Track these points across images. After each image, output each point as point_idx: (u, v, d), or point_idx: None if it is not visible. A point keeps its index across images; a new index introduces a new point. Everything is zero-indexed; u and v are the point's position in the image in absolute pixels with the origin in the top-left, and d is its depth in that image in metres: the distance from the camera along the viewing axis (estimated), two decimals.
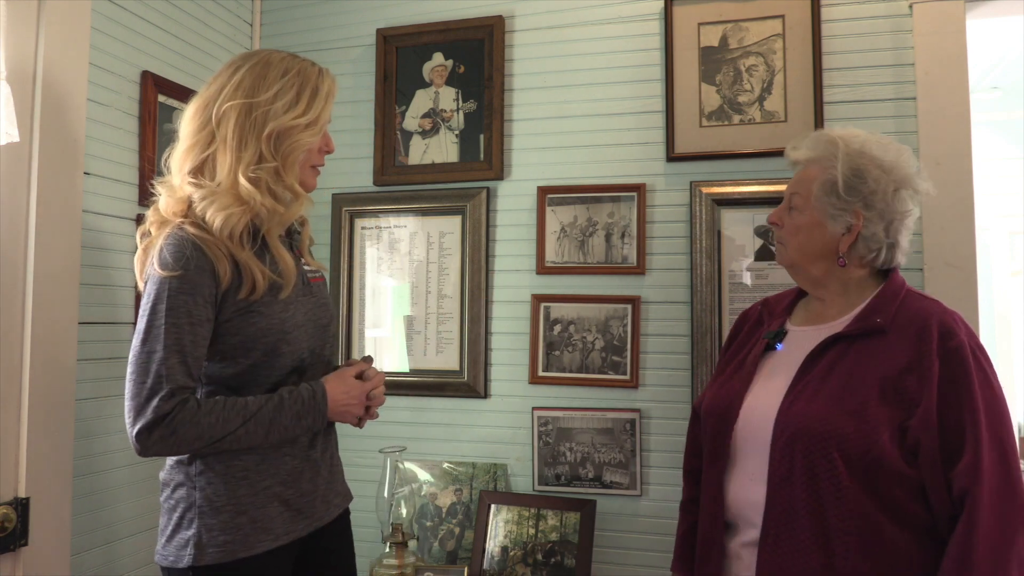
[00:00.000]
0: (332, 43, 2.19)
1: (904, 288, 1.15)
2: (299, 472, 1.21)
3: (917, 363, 1.04)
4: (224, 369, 1.17)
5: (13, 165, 1.39)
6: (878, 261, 1.16)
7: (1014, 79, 3.80)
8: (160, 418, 1.06)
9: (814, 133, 1.21)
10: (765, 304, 1.34)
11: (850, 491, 1.02)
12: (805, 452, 1.05)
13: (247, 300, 1.14)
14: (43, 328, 1.43)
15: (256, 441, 1.13)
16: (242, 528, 1.13)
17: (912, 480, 1.02)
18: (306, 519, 1.22)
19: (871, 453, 1.01)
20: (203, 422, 1.08)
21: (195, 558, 1.10)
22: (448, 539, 1.92)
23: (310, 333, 1.24)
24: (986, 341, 1.18)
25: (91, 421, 1.59)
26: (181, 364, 1.08)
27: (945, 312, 1.08)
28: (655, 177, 1.91)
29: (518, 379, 1.97)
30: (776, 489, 1.08)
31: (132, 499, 1.71)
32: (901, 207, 1.13)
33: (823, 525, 1.03)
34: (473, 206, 2.02)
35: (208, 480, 1.14)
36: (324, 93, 1.23)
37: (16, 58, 1.39)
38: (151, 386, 1.06)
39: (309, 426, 1.19)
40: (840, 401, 1.06)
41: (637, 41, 1.95)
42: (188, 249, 1.10)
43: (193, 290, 1.09)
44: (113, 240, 1.67)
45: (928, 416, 1.01)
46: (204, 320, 1.11)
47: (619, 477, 1.87)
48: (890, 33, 1.79)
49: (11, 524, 1.34)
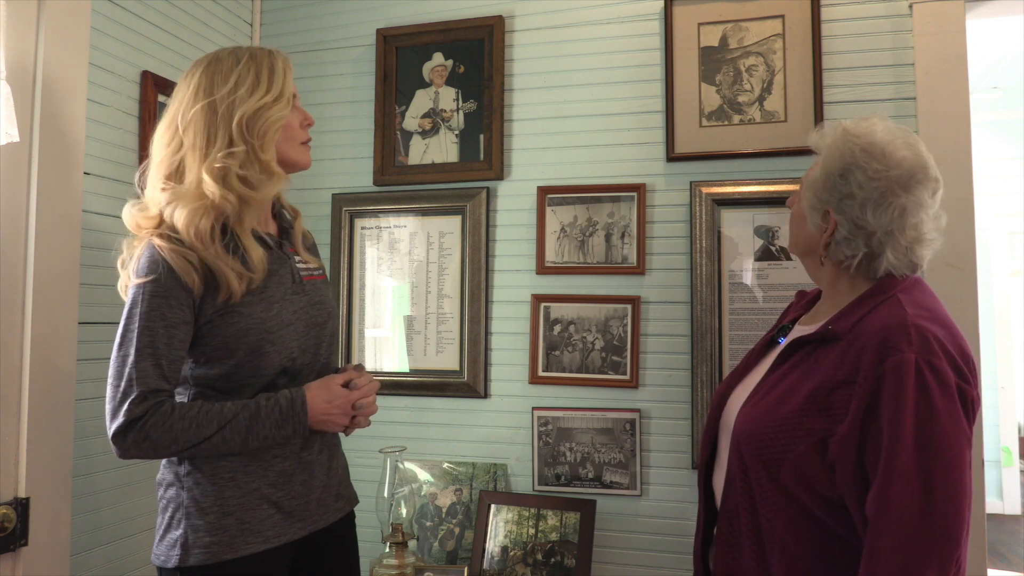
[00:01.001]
0: (332, 43, 2.19)
1: (891, 294, 1.02)
2: (290, 474, 1.19)
3: (851, 378, 0.95)
4: (209, 371, 1.16)
5: (13, 165, 1.39)
6: (856, 266, 1.06)
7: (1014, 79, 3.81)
8: (132, 421, 1.06)
9: (833, 122, 1.12)
10: (798, 295, 1.34)
11: (774, 495, 1.00)
12: (741, 453, 1.06)
13: (226, 302, 1.13)
14: (43, 328, 1.43)
15: (235, 448, 1.12)
16: (228, 530, 1.13)
17: (833, 494, 0.96)
18: (300, 522, 1.20)
19: (787, 461, 0.98)
20: (176, 427, 1.08)
21: (181, 559, 1.11)
22: (448, 539, 1.92)
23: (301, 332, 1.22)
24: (986, 341, 1.16)
25: (91, 421, 1.59)
26: (155, 367, 1.08)
27: (901, 326, 0.95)
28: (655, 177, 1.91)
29: (518, 379, 1.97)
30: (728, 485, 1.09)
31: (132, 499, 1.71)
32: (885, 221, 1.02)
33: (756, 525, 1.03)
34: (473, 206, 2.02)
35: (196, 481, 1.14)
36: (280, 68, 1.22)
37: (16, 58, 1.39)
38: (123, 389, 1.07)
39: (289, 435, 1.16)
40: (776, 408, 1.03)
41: (637, 41, 1.95)
42: (159, 258, 1.11)
43: (167, 293, 1.10)
44: (113, 240, 1.66)
45: (849, 436, 0.93)
46: (180, 322, 1.10)
47: (619, 477, 1.87)
48: (890, 33, 1.79)
49: (11, 524, 1.34)
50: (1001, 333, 4.71)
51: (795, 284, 1.76)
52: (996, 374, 4.67)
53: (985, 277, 4.52)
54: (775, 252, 1.81)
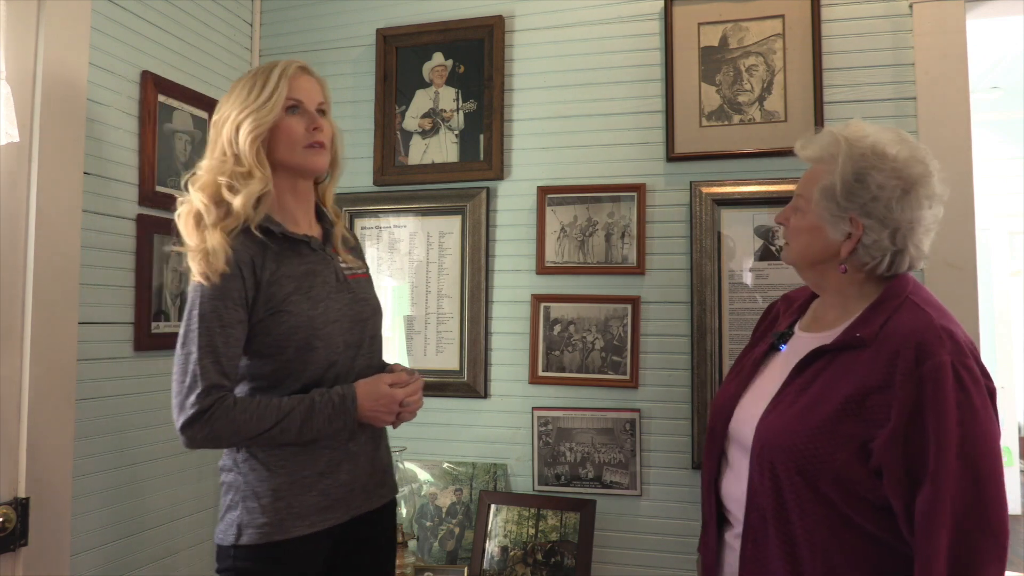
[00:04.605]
0: (332, 43, 2.19)
1: (903, 297, 1.05)
2: (337, 463, 1.27)
3: (887, 384, 0.97)
4: (263, 366, 1.25)
5: (13, 165, 1.39)
6: (881, 268, 1.07)
7: (1014, 79, 3.80)
8: (199, 414, 1.15)
9: (825, 130, 1.14)
10: (784, 299, 1.32)
11: (813, 505, 1.00)
12: (771, 464, 1.04)
13: (275, 301, 1.22)
14: (43, 328, 1.43)
15: (290, 439, 1.21)
16: (279, 513, 1.21)
17: (877, 498, 0.98)
18: (344, 508, 1.28)
19: (828, 470, 0.99)
20: (239, 419, 1.17)
21: (236, 537, 1.21)
22: (448, 539, 1.92)
23: (346, 328, 1.29)
24: (986, 341, 1.17)
25: (91, 421, 1.59)
26: (215, 364, 1.17)
27: (930, 328, 0.98)
28: (655, 177, 1.91)
29: (518, 379, 1.97)
30: (753, 494, 1.08)
31: (132, 499, 1.71)
32: (909, 213, 1.04)
33: (789, 534, 1.02)
34: (473, 206, 2.02)
35: (251, 467, 1.24)
36: (276, 74, 1.26)
37: (16, 58, 1.39)
38: (189, 384, 1.16)
39: (339, 428, 1.24)
40: (806, 417, 1.03)
41: (637, 41, 1.95)
42: None
43: (223, 295, 1.18)
44: (113, 240, 1.67)
45: (894, 439, 0.95)
46: (235, 322, 1.19)
47: (619, 477, 1.87)
48: (890, 33, 1.79)
49: (11, 524, 1.34)
50: (1001, 333, 4.71)
51: (795, 284, 1.75)
52: (996, 374, 4.62)
53: (985, 277, 4.51)
54: (775, 252, 1.81)
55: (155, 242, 1.76)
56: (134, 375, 1.71)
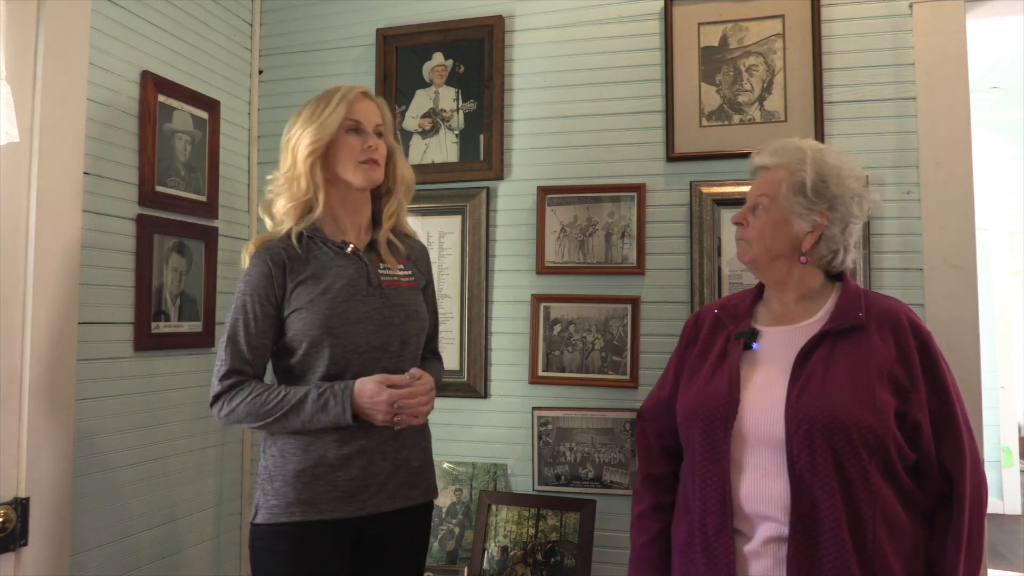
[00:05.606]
0: (332, 43, 2.19)
1: (859, 287, 1.25)
2: (348, 458, 1.33)
3: (900, 354, 1.15)
4: (289, 359, 1.37)
5: (13, 165, 1.39)
6: (835, 262, 1.24)
7: (1014, 79, 3.81)
8: (220, 394, 1.32)
9: (779, 142, 1.29)
10: (722, 308, 1.34)
11: (874, 476, 1.09)
12: (828, 442, 1.09)
13: (299, 301, 1.35)
14: (43, 328, 1.43)
15: (295, 426, 1.31)
16: (286, 497, 1.31)
17: (911, 463, 1.13)
18: (358, 504, 1.34)
19: (886, 438, 1.09)
20: (252, 402, 1.30)
21: (254, 516, 1.34)
22: (448, 539, 1.93)
23: (372, 330, 1.36)
24: (986, 341, 1.24)
25: (91, 421, 1.59)
26: (238, 352, 1.33)
27: (903, 307, 1.21)
28: (655, 177, 1.91)
29: (518, 379, 1.97)
30: (799, 481, 1.10)
31: (132, 499, 1.72)
32: (856, 211, 1.23)
33: (854, 512, 1.08)
34: (473, 206, 2.02)
35: (271, 453, 1.36)
36: (338, 97, 1.38)
37: (16, 58, 1.39)
38: (218, 367, 1.34)
39: (335, 419, 1.30)
40: (849, 391, 1.11)
41: (637, 41, 1.95)
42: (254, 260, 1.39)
43: (254, 291, 1.34)
44: (113, 240, 1.67)
45: (921, 401, 1.13)
46: (262, 316, 1.34)
47: (619, 477, 1.87)
48: (890, 33, 1.79)
49: (11, 524, 1.34)
50: (1001, 333, 4.71)
51: None
52: (996, 374, 4.66)
53: (985, 277, 4.52)
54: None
55: (155, 242, 1.76)
56: (134, 375, 1.71)
